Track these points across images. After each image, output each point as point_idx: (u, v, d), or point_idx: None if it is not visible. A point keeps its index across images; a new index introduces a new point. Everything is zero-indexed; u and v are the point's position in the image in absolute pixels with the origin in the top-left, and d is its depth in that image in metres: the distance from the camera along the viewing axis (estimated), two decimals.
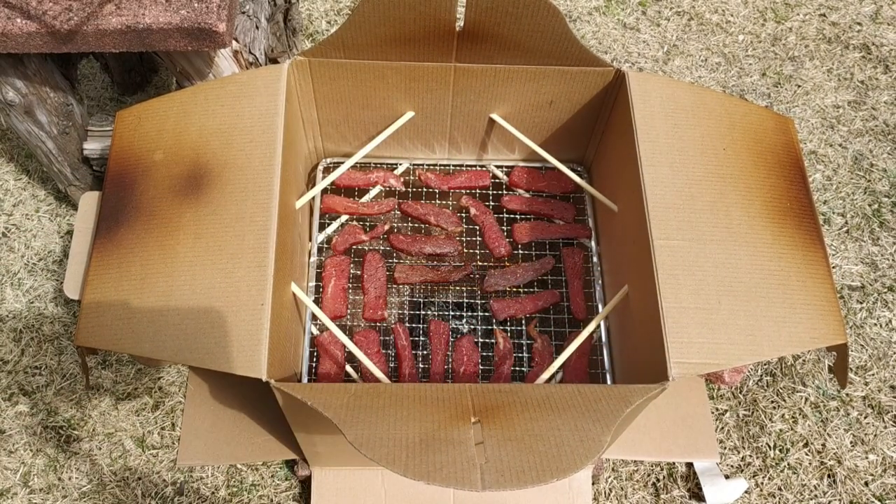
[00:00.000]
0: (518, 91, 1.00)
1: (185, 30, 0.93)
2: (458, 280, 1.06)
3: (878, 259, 1.37)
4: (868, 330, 1.29)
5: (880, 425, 1.19)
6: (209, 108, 0.87)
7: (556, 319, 1.06)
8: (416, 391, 0.69)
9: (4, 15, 0.93)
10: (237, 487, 1.13)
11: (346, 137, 1.09)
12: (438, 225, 1.09)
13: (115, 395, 1.20)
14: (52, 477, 1.14)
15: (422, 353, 1.04)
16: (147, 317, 0.75)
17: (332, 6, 1.74)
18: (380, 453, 0.60)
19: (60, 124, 1.16)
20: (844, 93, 1.60)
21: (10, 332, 1.26)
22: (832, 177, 1.47)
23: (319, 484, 1.04)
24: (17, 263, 1.34)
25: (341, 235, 1.07)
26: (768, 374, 1.24)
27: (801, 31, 1.71)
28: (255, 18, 1.19)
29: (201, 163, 0.84)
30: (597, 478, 1.13)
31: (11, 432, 1.17)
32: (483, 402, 0.67)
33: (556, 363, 0.90)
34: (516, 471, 0.59)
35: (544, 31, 0.88)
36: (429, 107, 1.03)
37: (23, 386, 1.21)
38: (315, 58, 0.93)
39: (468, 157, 1.15)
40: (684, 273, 0.78)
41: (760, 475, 1.15)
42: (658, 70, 1.64)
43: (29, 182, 1.43)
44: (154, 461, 1.15)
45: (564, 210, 1.11)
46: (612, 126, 1.00)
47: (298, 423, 0.87)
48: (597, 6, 1.75)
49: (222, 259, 0.77)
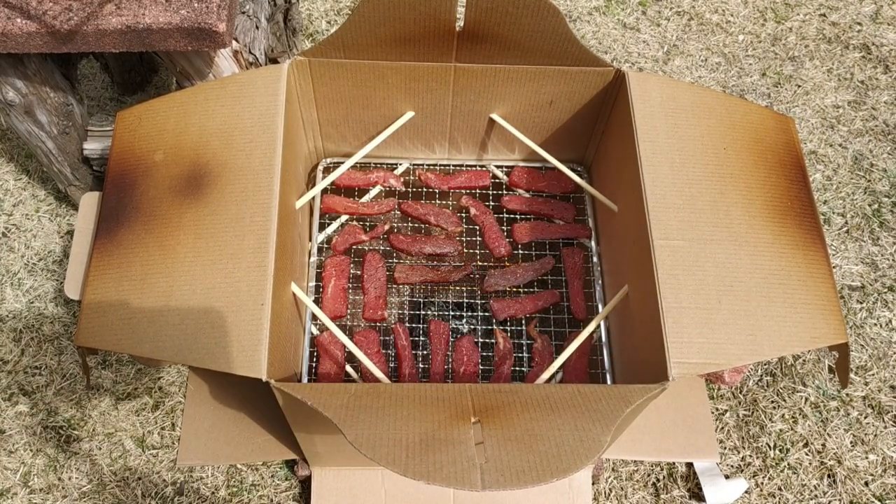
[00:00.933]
0: (518, 91, 1.00)
1: (185, 30, 0.93)
2: (458, 280, 1.06)
3: (879, 259, 1.37)
4: (868, 330, 1.29)
5: (880, 425, 1.19)
6: (209, 109, 0.87)
7: (556, 319, 1.06)
8: (416, 391, 0.69)
9: (4, 15, 0.93)
10: (237, 487, 1.13)
11: (346, 137, 1.09)
12: (438, 225, 1.09)
13: (115, 395, 1.20)
14: (52, 477, 1.14)
15: (422, 353, 1.04)
16: (147, 317, 0.75)
17: (332, 6, 1.74)
18: (380, 453, 0.60)
19: (60, 124, 1.16)
20: (844, 93, 1.60)
21: (10, 332, 1.26)
22: (832, 177, 1.47)
23: (319, 484, 1.04)
24: (17, 263, 1.34)
25: (341, 235, 1.07)
26: (768, 374, 1.24)
27: (801, 31, 1.71)
28: (255, 18, 1.19)
29: (201, 163, 0.84)
30: (597, 478, 1.13)
31: (11, 432, 1.17)
32: (483, 402, 0.67)
33: (556, 363, 0.90)
34: (516, 471, 0.59)
35: (544, 31, 0.88)
36: (429, 107, 1.03)
37: (23, 386, 1.21)
38: (315, 58, 0.93)
39: (468, 157, 1.15)
40: (684, 273, 0.78)
41: (760, 475, 1.15)
42: (658, 70, 1.64)
43: (29, 182, 1.43)
44: (154, 461, 1.15)
45: (564, 210, 1.11)
46: (612, 126, 1.00)
47: (298, 423, 0.87)
48: (597, 6, 1.75)
49: (222, 259, 0.77)
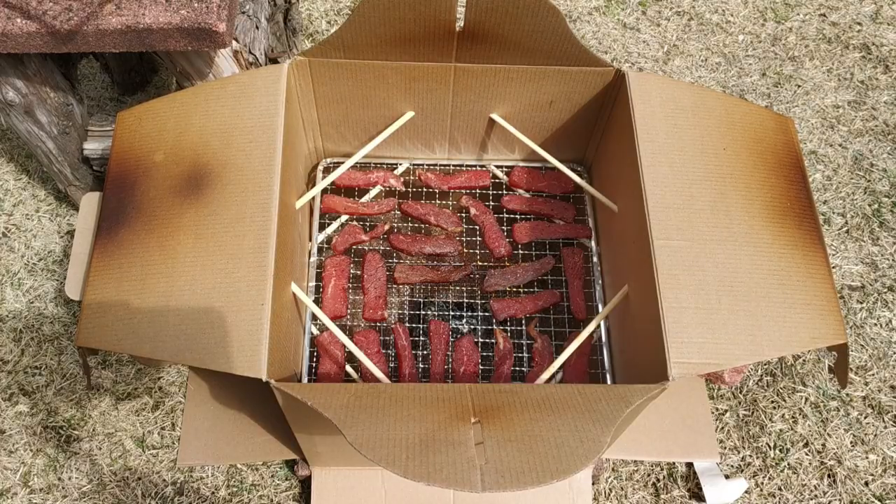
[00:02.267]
0: (518, 91, 1.00)
1: (185, 30, 0.93)
2: (458, 280, 1.06)
3: (878, 259, 1.37)
4: (868, 330, 1.29)
5: (880, 425, 1.19)
6: (209, 109, 0.87)
7: (556, 319, 1.06)
8: (416, 391, 0.69)
9: (4, 15, 0.93)
10: (237, 487, 1.13)
11: (346, 137, 1.09)
12: (438, 225, 1.09)
13: (115, 395, 1.20)
14: (52, 477, 1.14)
15: (422, 353, 1.04)
16: (147, 317, 0.75)
17: (332, 6, 1.74)
18: (380, 454, 0.60)
19: (60, 124, 1.16)
20: (844, 93, 1.60)
21: (10, 332, 1.26)
22: (832, 177, 1.47)
23: (319, 484, 1.04)
24: (17, 263, 1.34)
25: (341, 235, 1.07)
26: (768, 374, 1.24)
27: (801, 31, 1.71)
28: (255, 18, 1.19)
29: (201, 163, 0.84)
30: (597, 478, 1.13)
31: (11, 432, 1.17)
32: (483, 402, 0.67)
33: (556, 363, 0.90)
34: (516, 472, 0.59)
35: (544, 31, 0.88)
36: (429, 107, 1.03)
37: (23, 386, 1.21)
38: (315, 58, 0.93)
39: (468, 157, 1.15)
40: (684, 273, 0.78)
41: (760, 475, 1.15)
42: (658, 70, 1.64)
43: (29, 182, 1.43)
44: (154, 461, 1.15)
45: (564, 210, 1.11)
46: (612, 126, 1.00)
47: (298, 423, 0.87)
48: (597, 6, 1.75)
49: (222, 259, 0.77)
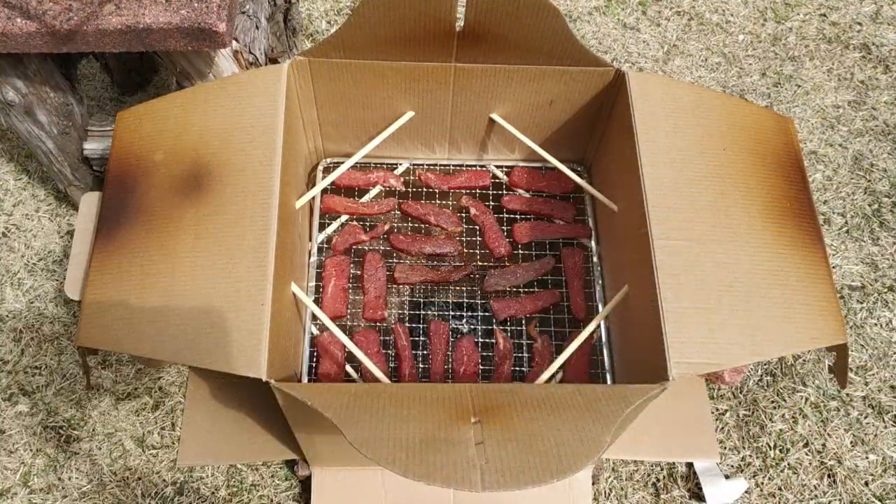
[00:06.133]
0: (518, 91, 1.00)
1: (185, 30, 0.93)
2: (458, 280, 1.06)
3: (879, 259, 1.37)
4: (868, 330, 1.29)
5: (880, 425, 1.19)
6: (209, 109, 0.87)
7: (556, 319, 1.06)
8: (416, 391, 0.69)
9: (4, 15, 0.93)
10: (237, 487, 1.13)
11: (346, 137, 1.09)
12: (438, 225, 1.09)
13: (115, 395, 1.20)
14: (52, 477, 1.14)
15: (422, 353, 1.04)
16: (147, 317, 0.75)
17: (332, 6, 1.74)
18: (380, 454, 0.60)
19: (60, 124, 1.16)
20: (844, 93, 1.60)
21: (10, 332, 1.26)
22: (832, 177, 1.47)
23: (319, 484, 1.04)
24: (17, 263, 1.34)
25: (341, 235, 1.07)
26: (768, 374, 1.24)
27: (801, 30, 1.71)
28: (255, 18, 1.19)
29: (201, 163, 0.84)
30: (597, 478, 1.13)
31: (11, 432, 1.17)
32: (483, 402, 0.67)
33: (556, 363, 0.90)
34: (516, 471, 0.59)
35: (544, 31, 0.88)
36: (429, 107, 1.03)
37: (23, 386, 1.21)
38: (315, 58, 0.93)
39: (468, 157, 1.15)
40: (684, 273, 0.78)
41: (760, 475, 1.15)
42: (658, 70, 1.64)
43: (29, 182, 1.43)
44: (154, 461, 1.15)
45: (564, 210, 1.11)
46: (612, 126, 1.00)
47: (298, 423, 0.87)
48: (597, 6, 1.75)
49: (222, 259, 0.77)
